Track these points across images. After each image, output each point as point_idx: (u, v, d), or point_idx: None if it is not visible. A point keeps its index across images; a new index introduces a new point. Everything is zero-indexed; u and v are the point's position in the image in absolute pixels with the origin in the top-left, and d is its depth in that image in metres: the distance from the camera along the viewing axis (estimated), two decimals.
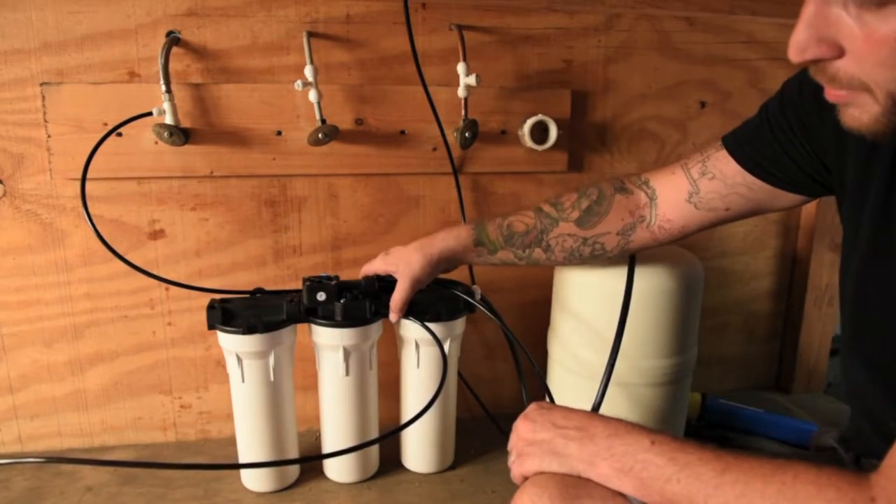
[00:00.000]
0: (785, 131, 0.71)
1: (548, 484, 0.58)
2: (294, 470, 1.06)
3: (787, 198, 0.77)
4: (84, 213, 0.98)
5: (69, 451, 1.14)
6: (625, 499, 0.56)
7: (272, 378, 0.97)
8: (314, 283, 0.95)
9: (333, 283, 0.96)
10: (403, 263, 0.93)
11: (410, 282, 0.93)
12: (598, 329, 0.97)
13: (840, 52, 0.47)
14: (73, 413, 1.13)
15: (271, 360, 0.95)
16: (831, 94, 0.50)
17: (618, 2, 1.15)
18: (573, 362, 1.03)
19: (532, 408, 0.68)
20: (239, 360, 0.95)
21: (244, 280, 1.13)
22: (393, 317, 0.96)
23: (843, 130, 0.51)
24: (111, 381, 1.13)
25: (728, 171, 0.79)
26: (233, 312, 0.94)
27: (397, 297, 0.94)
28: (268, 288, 1.03)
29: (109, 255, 0.97)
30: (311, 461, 1.11)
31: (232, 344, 0.94)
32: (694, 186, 0.82)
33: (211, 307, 0.94)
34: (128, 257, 1.07)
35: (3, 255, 1.05)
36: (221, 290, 1.02)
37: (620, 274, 0.94)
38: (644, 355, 0.98)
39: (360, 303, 0.95)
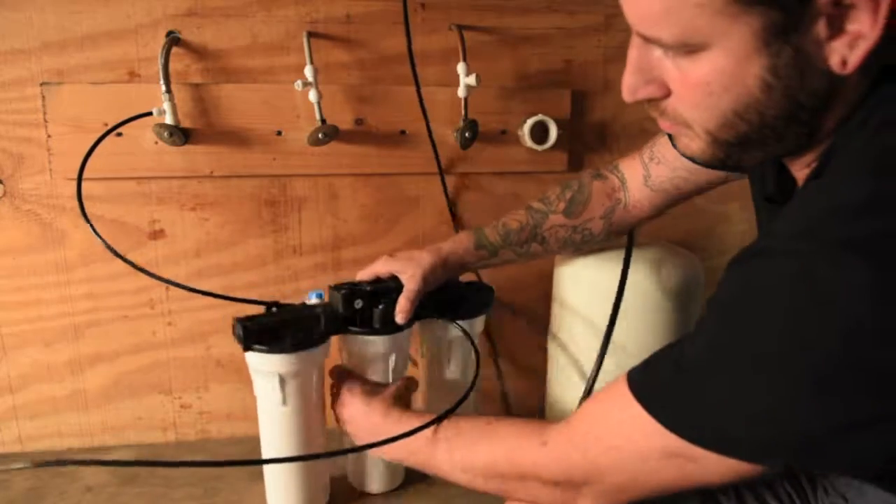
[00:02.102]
0: None
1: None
2: (322, 497, 0.99)
3: (729, 175, 0.82)
4: (82, 214, 0.95)
5: (69, 452, 1.14)
6: None
7: (314, 398, 0.90)
8: (349, 291, 0.88)
9: (369, 288, 0.89)
10: (413, 263, 0.90)
11: (422, 278, 0.89)
12: (599, 327, 0.97)
13: (668, 92, 0.51)
14: (73, 413, 1.13)
15: (314, 377, 0.89)
16: (663, 125, 0.56)
17: (618, 2, 1.15)
18: (573, 361, 1.04)
19: (346, 393, 0.86)
20: (282, 381, 0.87)
21: (244, 280, 1.13)
22: (400, 317, 0.89)
23: None
24: (111, 381, 1.13)
25: (669, 156, 0.84)
26: (271, 329, 0.85)
27: (408, 294, 0.88)
28: (269, 289, 1.03)
29: (109, 254, 0.96)
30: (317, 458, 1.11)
31: (273, 365, 0.86)
32: (646, 171, 0.88)
33: (244, 326, 0.84)
34: (128, 257, 1.07)
35: (3, 255, 1.05)
36: (229, 298, 0.97)
37: (620, 271, 0.94)
38: (644, 355, 0.98)
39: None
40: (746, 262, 0.49)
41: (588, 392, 0.91)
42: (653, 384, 0.54)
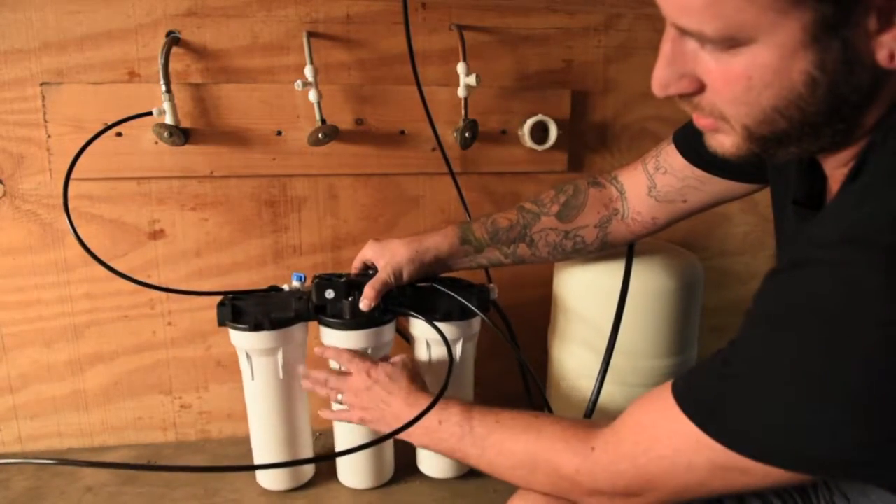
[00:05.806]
0: None
1: (535, 499, 0.66)
2: (309, 469, 1.06)
3: (742, 186, 0.79)
4: (66, 217, 0.95)
5: (69, 451, 1.14)
6: None
7: (281, 376, 0.95)
8: (323, 280, 0.93)
9: (343, 279, 0.93)
10: (389, 253, 0.92)
11: (391, 270, 0.90)
12: (599, 328, 0.97)
13: (701, 87, 0.50)
14: (73, 413, 1.13)
15: (280, 357, 0.94)
16: (699, 121, 0.53)
17: (618, 2, 1.15)
18: (574, 361, 1.04)
19: (364, 377, 0.86)
20: (248, 357, 0.94)
21: (244, 280, 1.13)
22: (363, 304, 0.90)
23: None
24: (111, 381, 1.13)
25: (677, 165, 0.82)
26: (242, 309, 0.93)
27: (374, 283, 0.90)
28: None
29: (110, 255, 0.97)
30: (307, 462, 1.11)
31: (241, 341, 0.93)
32: (651, 181, 0.86)
33: (221, 304, 0.94)
34: (128, 257, 1.08)
35: (3, 255, 1.05)
36: (218, 292, 1.01)
37: (620, 272, 0.94)
38: (644, 355, 0.98)
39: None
40: (788, 272, 0.48)
41: (595, 401, 0.89)
42: (698, 396, 0.53)
